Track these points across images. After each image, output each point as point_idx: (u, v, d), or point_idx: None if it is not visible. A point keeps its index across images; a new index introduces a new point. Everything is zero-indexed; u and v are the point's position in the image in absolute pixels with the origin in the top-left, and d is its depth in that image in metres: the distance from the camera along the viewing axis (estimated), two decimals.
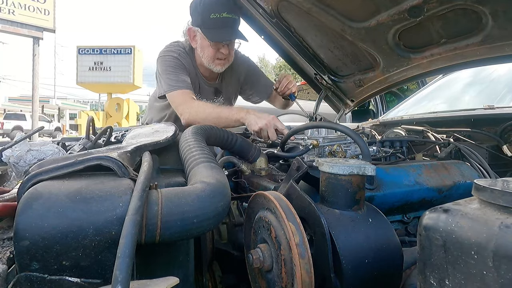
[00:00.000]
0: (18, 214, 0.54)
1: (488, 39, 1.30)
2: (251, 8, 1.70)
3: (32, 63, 10.26)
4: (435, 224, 0.43)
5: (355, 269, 0.62)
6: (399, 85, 1.92)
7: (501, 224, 0.37)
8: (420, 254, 0.46)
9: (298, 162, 0.87)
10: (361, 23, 1.46)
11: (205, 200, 0.62)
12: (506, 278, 0.36)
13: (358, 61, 1.79)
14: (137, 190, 0.57)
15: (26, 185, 0.61)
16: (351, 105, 2.18)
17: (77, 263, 0.54)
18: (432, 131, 1.60)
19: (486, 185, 0.42)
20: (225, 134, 1.16)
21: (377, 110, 4.69)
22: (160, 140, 0.94)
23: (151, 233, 0.57)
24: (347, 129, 1.03)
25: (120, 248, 0.47)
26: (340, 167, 0.67)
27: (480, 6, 1.18)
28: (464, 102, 2.20)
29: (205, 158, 0.81)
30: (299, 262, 0.59)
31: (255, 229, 0.75)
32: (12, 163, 0.97)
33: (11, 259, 0.61)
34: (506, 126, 1.43)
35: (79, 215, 0.55)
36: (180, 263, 0.75)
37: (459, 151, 1.33)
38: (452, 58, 1.48)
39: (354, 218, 0.68)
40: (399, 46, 1.54)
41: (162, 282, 0.50)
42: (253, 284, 0.78)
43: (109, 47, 10.46)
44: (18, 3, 9.86)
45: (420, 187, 0.96)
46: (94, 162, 0.66)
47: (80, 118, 12.69)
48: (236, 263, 1.03)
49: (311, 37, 1.77)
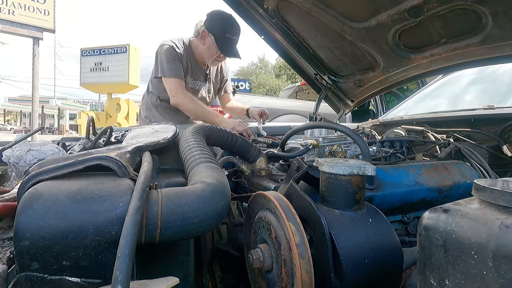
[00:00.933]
0: (18, 214, 0.54)
1: (488, 39, 1.30)
2: (251, 8, 1.70)
3: (32, 63, 10.27)
4: (435, 224, 0.43)
5: (355, 269, 0.62)
6: (399, 85, 1.92)
7: (501, 224, 0.37)
8: (420, 254, 0.46)
9: (298, 162, 0.87)
10: (361, 23, 1.46)
11: (205, 200, 0.62)
12: (506, 278, 0.36)
13: (358, 61, 1.79)
14: (137, 190, 0.57)
15: (26, 185, 0.61)
16: (351, 105, 2.18)
17: (77, 263, 0.54)
18: (432, 131, 1.60)
19: (486, 185, 0.42)
20: (225, 134, 1.17)
21: (377, 110, 4.70)
22: (160, 140, 0.94)
23: (151, 233, 0.57)
24: (347, 129, 1.03)
25: (120, 248, 0.47)
26: (340, 167, 0.67)
27: (480, 6, 1.18)
28: (464, 102, 2.20)
29: (205, 158, 0.81)
30: (299, 262, 0.59)
31: (255, 229, 0.75)
32: (12, 163, 0.97)
33: (11, 259, 0.61)
34: (506, 126, 1.43)
35: (79, 215, 0.55)
36: (180, 263, 0.75)
37: (459, 151, 1.33)
38: (452, 58, 1.48)
39: (354, 218, 0.68)
40: (399, 46, 1.54)
41: (162, 282, 0.50)
42: (253, 284, 0.78)
43: (107, 47, 10.50)
44: (18, 4, 9.87)
45: (420, 187, 0.96)
46: (94, 162, 0.66)
47: (80, 118, 12.70)
48: (236, 263, 1.03)
49: (311, 37, 1.77)
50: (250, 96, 5.36)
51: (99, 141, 1.14)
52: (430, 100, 2.44)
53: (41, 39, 10.36)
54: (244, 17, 1.75)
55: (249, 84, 11.80)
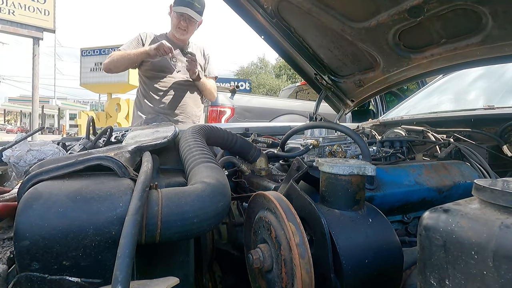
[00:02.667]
0: (19, 214, 0.54)
1: (488, 39, 1.30)
2: (251, 8, 1.70)
3: (32, 63, 10.27)
4: (435, 224, 0.43)
5: (355, 269, 0.62)
6: (399, 85, 1.92)
7: (501, 224, 0.37)
8: (420, 254, 0.46)
9: (298, 162, 0.87)
10: (361, 23, 1.46)
11: (205, 200, 0.62)
12: (506, 278, 0.36)
13: (358, 61, 1.79)
14: (137, 190, 0.57)
15: (26, 185, 0.61)
16: (351, 105, 2.17)
17: (77, 263, 0.54)
18: (432, 131, 1.60)
19: (486, 185, 0.42)
20: (225, 134, 1.17)
21: (377, 110, 4.70)
22: (160, 140, 0.94)
23: (151, 233, 0.57)
24: (347, 129, 1.03)
25: (120, 248, 0.47)
26: (340, 167, 0.67)
27: (480, 6, 1.18)
28: (464, 102, 2.20)
29: (205, 158, 0.81)
30: (299, 262, 0.59)
31: (255, 229, 0.75)
32: (12, 163, 0.97)
33: (11, 259, 0.61)
34: (506, 126, 1.43)
35: (79, 215, 0.55)
36: (180, 263, 0.75)
37: (459, 151, 1.33)
38: (452, 58, 1.48)
39: (354, 218, 0.68)
40: (399, 46, 1.54)
41: (162, 282, 0.50)
42: (253, 284, 0.78)
43: (107, 47, 10.49)
44: (18, 4, 9.86)
45: (420, 187, 0.96)
46: (94, 162, 0.66)
47: (80, 118, 12.69)
48: (236, 263, 1.03)
49: (311, 37, 1.77)
50: (250, 96, 5.36)
51: (99, 141, 1.14)
52: (430, 100, 2.44)
53: (41, 39, 10.35)
54: (244, 17, 1.75)
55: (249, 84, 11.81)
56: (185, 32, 2.42)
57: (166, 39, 2.37)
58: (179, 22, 2.36)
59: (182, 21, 2.35)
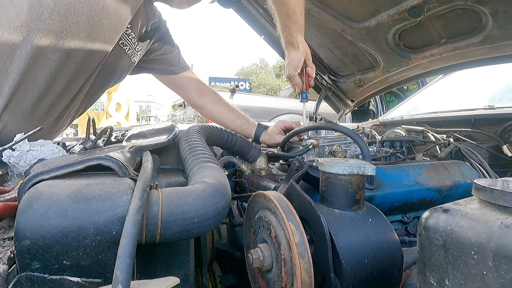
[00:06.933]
0: (19, 214, 0.54)
1: (488, 39, 1.31)
2: (251, 8, 1.70)
3: None
4: (435, 224, 0.44)
5: (355, 269, 0.62)
6: (399, 85, 1.93)
7: (501, 224, 0.37)
8: (420, 254, 0.46)
9: (298, 162, 0.87)
10: (361, 23, 1.46)
11: (205, 200, 0.62)
12: (506, 278, 0.36)
13: (358, 61, 1.79)
14: (138, 190, 0.57)
15: (26, 185, 0.61)
16: (351, 105, 2.18)
17: (77, 262, 0.54)
18: (432, 131, 1.60)
19: (486, 185, 0.42)
20: (225, 134, 1.17)
21: (377, 110, 4.71)
22: (161, 140, 0.94)
23: (151, 233, 0.57)
24: (347, 130, 1.03)
25: (120, 248, 0.47)
26: (340, 167, 0.67)
27: (480, 6, 1.18)
28: (464, 102, 2.20)
29: (206, 158, 0.81)
30: (299, 262, 0.59)
31: (255, 229, 0.75)
32: (12, 163, 0.97)
33: (11, 259, 0.61)
34: (506, 126, 1.43)
35: (79, 215, 0.55)
36: (180, 263, 0.75)
37: (459, 151, 1.33)
38: (452, 58, 1.48)
39: (354, 218, 0.68)
40: (399, 46, 1.55)
41: (162, 282, 0.50)
42: (253, 284, 0.78)
43: None
44: None
45: (420, 187, 0.96)
46: (94, 162, 0.66)
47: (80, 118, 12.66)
48: (236, 263, 1.03)
49: (311, 37, 1.77)
50: (250, 96, 5.36)
51: (99, 141, 1.14)
52: (430, 100, 2.44)
53: None
54: (244, 17, 1.75)
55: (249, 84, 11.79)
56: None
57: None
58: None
59: None
